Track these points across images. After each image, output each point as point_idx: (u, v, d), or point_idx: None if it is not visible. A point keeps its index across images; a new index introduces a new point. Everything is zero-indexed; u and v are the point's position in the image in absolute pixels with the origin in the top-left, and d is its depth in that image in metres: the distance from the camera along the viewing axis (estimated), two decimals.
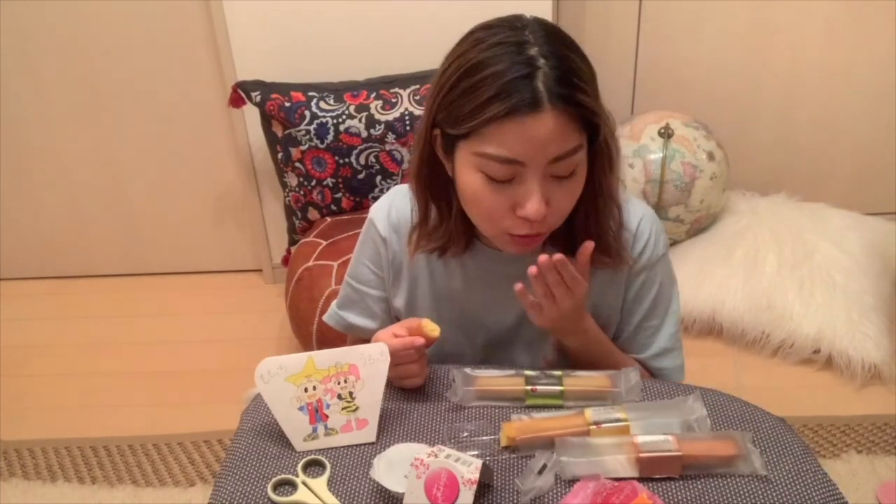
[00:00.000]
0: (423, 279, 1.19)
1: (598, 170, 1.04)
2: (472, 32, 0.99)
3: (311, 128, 2.19)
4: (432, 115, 1.01)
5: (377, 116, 2.18)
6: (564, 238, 1.10)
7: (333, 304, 1.32)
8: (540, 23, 0.99)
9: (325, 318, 1.32)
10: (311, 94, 2.21)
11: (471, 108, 0.95)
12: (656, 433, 0.97)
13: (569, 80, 0.94)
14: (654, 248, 1.16)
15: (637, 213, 1.16)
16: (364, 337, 1.25)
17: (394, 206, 1.19)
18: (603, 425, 0.99)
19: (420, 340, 1.06)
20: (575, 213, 1.05)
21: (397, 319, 1.24)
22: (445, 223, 1.10)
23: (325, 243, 2.19)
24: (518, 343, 1.20)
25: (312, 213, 2.36)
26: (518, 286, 1.03)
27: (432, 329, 1.07)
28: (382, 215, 1.20)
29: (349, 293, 1.27)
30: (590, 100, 0.96)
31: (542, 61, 0.93)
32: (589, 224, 1.08)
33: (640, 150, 2.40)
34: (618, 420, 0.99)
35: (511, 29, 0.97)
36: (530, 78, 0.93)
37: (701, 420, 1.01)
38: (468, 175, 1.00)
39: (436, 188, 1.08)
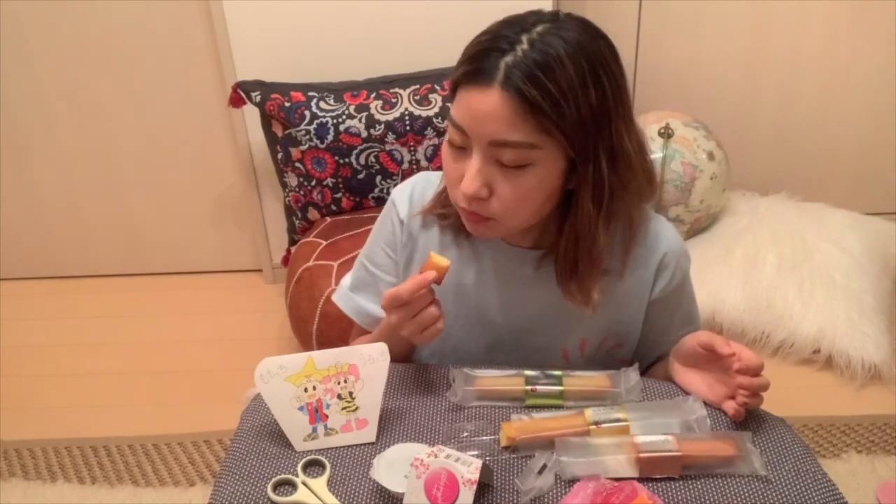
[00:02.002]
0: None
1: (580, 197, 1.00)
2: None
3: (311, 128, 2.19)
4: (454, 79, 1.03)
5: (377, 116, 2.18)
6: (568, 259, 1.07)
7: (344, 283, 1.26)
8: (559, 21, 0.96)
9: (334, 297, 1.27)
10: (311, 94, 2.21)
11: (456, 66, 0.98)
12: (656, 433, 0.97)
13: (534, 76, 0.91)
14: (679, 276, 1.16)
15: (663, 244, 1.13)
16: (370, 323, 1.23)
17: (416, 188, 1.18)
18: (603, 425, 0.99)
19: (432, 274, 1.01)
20: (562, 233, 1.04)
21: None
22: None
23: (325, 243, 2.19)
24: (523, 349, 1.18)
25: (312, 213, 2.36)
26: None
27: (441, 259, 1.02)
28: (405, 197, 1.18)
29: (363, 275, 1.24)
30: (548, 105, 0.91)
31: (524, 46, 0.92)
32: (567, 250, 1.04)
33: None
34: (618, 420, 0.99)
35: (534, 15, 0.97)
36: (501, 54, 0.93)
37: (701, 420, 1.01)
38: (446, 137, 1.02)
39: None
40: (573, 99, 0.92)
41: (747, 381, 0.99)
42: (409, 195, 1.18)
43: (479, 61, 0.94)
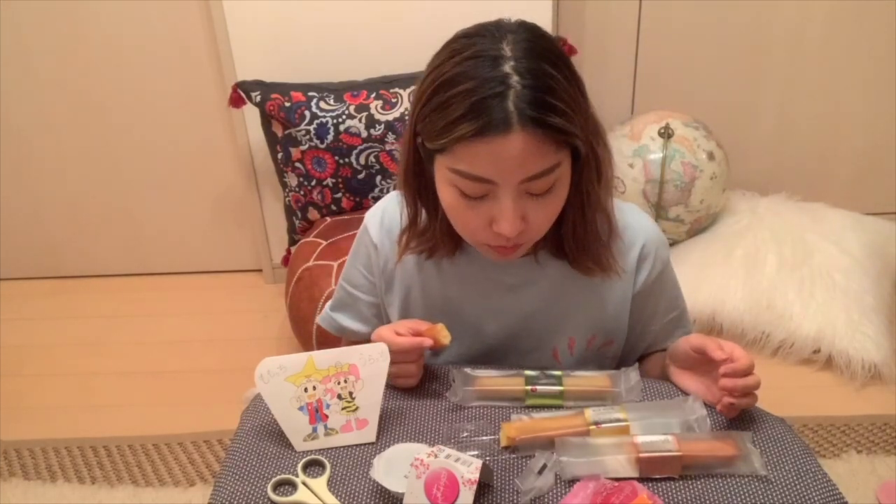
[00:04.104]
0: (416, 289, 1.18)
1: (584, 181, 1.02)
2: (452, 41, 0.97)
3: (311, 128, 2.19)
4: (414, 122, 1.00)
5: (377, 116, 2.18)
6: (554, 244, 1.10)
7: (327, 305, 1.31)
8: (523, 30, 0.96)
9: (318, 319, 1.32)
10: (311, 94, 2.21)
11: (443, 124, 0.92)
12: (656, 433, 0.97)
13: (542, 101, 0.90)
14: (660, 265, 1.16)
15: (640, 235, 1.14)
16: (356, 340, 1.25)
17: (386, 212, 1.19)
18: (603, 425, 0.99)
19: (428, 342, 1.06)
20: (563, 221, 1.05)
21: None
22: (433, 225, 1.10)
23: (325, 243, 2.19)
24: (514, 354, 1.19)
25: (312, 213, 2.36)
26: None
27: (445, 336, 1.06)
28: (375, 221, 1.20)
29: (342, 296, 1.28)
30: (564, 121, 0.92)
31: (515, 79, 0.90)
32: (577, 232, 1.06)
33: (640, 150, 2.40)
34: (618, 420, 0.99)
35: (490, 39, 0.93)
36: (502, 97, 0.89)
37: (700, 420, 1.01)
38: (444, 189, 1.00)
39: (423, 190, 1.07)
40: (573, 102, 0.94)
41: (731, 384, 0.98)
42: (380, 219, 1.19)
43: (483, 114, 0.89)
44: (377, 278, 1.21)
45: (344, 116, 2.18)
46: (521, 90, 0.90)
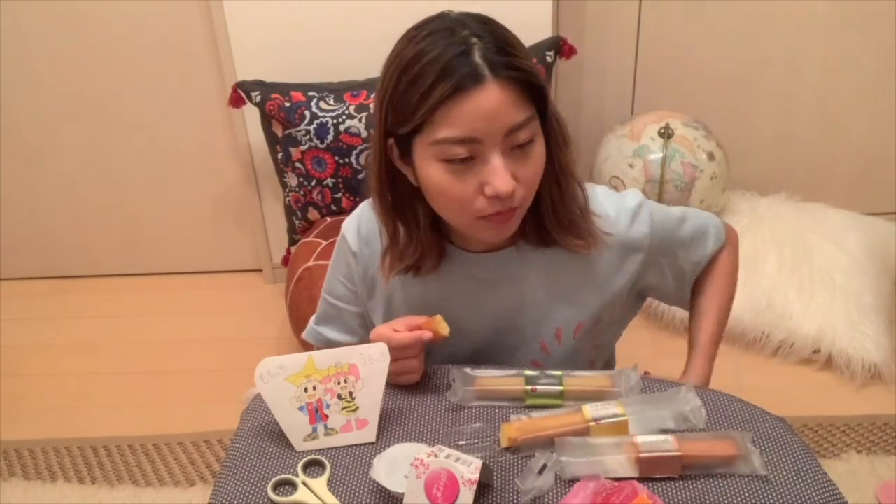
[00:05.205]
0: (399, 295, 1.18)
1: (553, 147, 1.04)
2: (403, 34, 1.01)
3: (311, 128, 2.19)
4: (383, 124, 1.01)
5: None
6: (534, 229, 1.10)
7: (312, 319, 1.31)
8: (468, 12, 1.01)
9: (303, 335, 1.32)
10: (311, 94, 2.21)
11: (417, 97, 0.95)
12: (654, 427, 0.98)
13: (506, 51, 0.95)
14: (648, 231, 1.14)
15: (620, 226, 1.13)
16: None
17: (362, 219, 1.19)
18: (602, 421, 0.99)
19: (428, 335, 1.06)
20: (540, 197, 1.05)
21: None
22: (415, 238, 1.09)
23: (325, 243, 2.19)
24: (501, 350, 1.19)
25: (312, 213, 2.36)
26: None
27: (444, 327, 1.06)
28: (353, 230, 1.20)
29: (326, 309, 1.28)
30: (529, 67, 0.97)
31: (475, 39, 0.95)
32: (556, 206, 1.07)
33: (640, 150, 2.40)
34: (615, 415, 0.99)
35: (440, 20, 0.99)
36: (468, 54, 0.94)
37: (696, 410, 1.01)
38: (430, 168, 0.99)
39: (399, 204, 1.07)
40: (527, 52, 1.00)
41: None
42: (357, 227, 1.20)
43: (454, 73, 0.93)
44: (358, 286, 1.22)
45: (344, 116, 2.18)
46: (483, 45, 0.95)
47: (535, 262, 1.13)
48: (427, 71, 0.94)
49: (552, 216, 1.07)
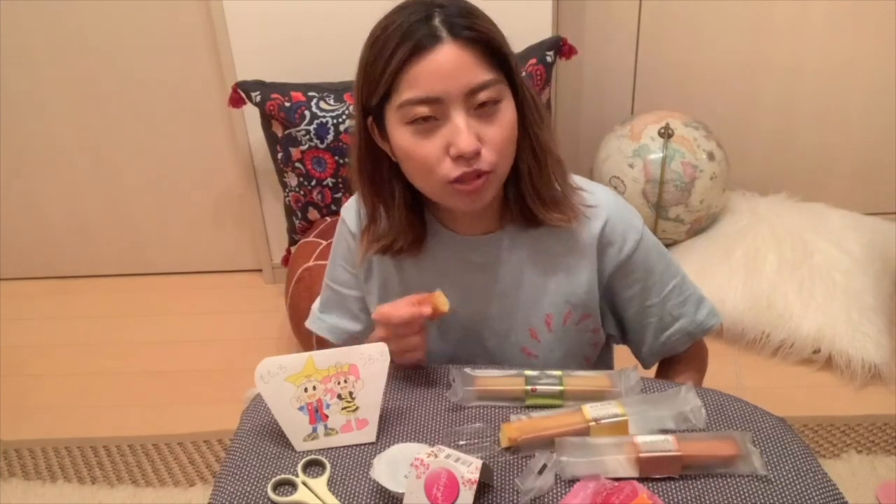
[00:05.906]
0: (393, 280, 1.19)
1: (529, 123, 1.05)
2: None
3: (311, 128, 2.19)
4: (360, 99, 1.04)
5: None
6: (518, 209, 1.10)
7: (314, 308, 1.31)
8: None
9: (307, 324, 1.32)
10: (311, 94, 2.21)
11: (382, 64, 0.98)
12: (654, 426, 0.97)
13: (467, 15, 0.98)
14: (630, 244, 1.14)
15: (601, 216, 1.12)
16: (346, 339, 1.25)
17: (361, 203, 1.20)
18: (602, 421, 0.99)
19: (427, 310, 1.05)
20: (520, 173, 1.06)
21: None
22: (392, 217, 1.11)
23: (325, 243, 2.19)
24: (491, 336, 1.19)
25: (312, 213, 2.36)
26: None
27: (444, 303, 1.06)
28: (352, 213, 1.21)
29: (329, 295, 1.28)
30: (492, 29, 0.99)
31: (438, 8, 0.98)
32: (535, 182, 1.07)
33: (640, 150, 2.40)
34: (616, 416, 0.99)
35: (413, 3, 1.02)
36: (428, 18, 0.97)
37: (696, 410, 1.01)
38: (398, 134, 1.01)
39: (379, 183, 1.10)
40: (496, 30, 1.01)
41: None
42: (357, 210, 1.21)
43: (413, 36, 0.96)
44: (357, 268, 1.22)
45: (344, 116, 2.18)
46: (446, 11, 0.98)
47: (522, 249, 1.14)
48: (391, 38, 0.98)
49: (532, 192, 1.08)
